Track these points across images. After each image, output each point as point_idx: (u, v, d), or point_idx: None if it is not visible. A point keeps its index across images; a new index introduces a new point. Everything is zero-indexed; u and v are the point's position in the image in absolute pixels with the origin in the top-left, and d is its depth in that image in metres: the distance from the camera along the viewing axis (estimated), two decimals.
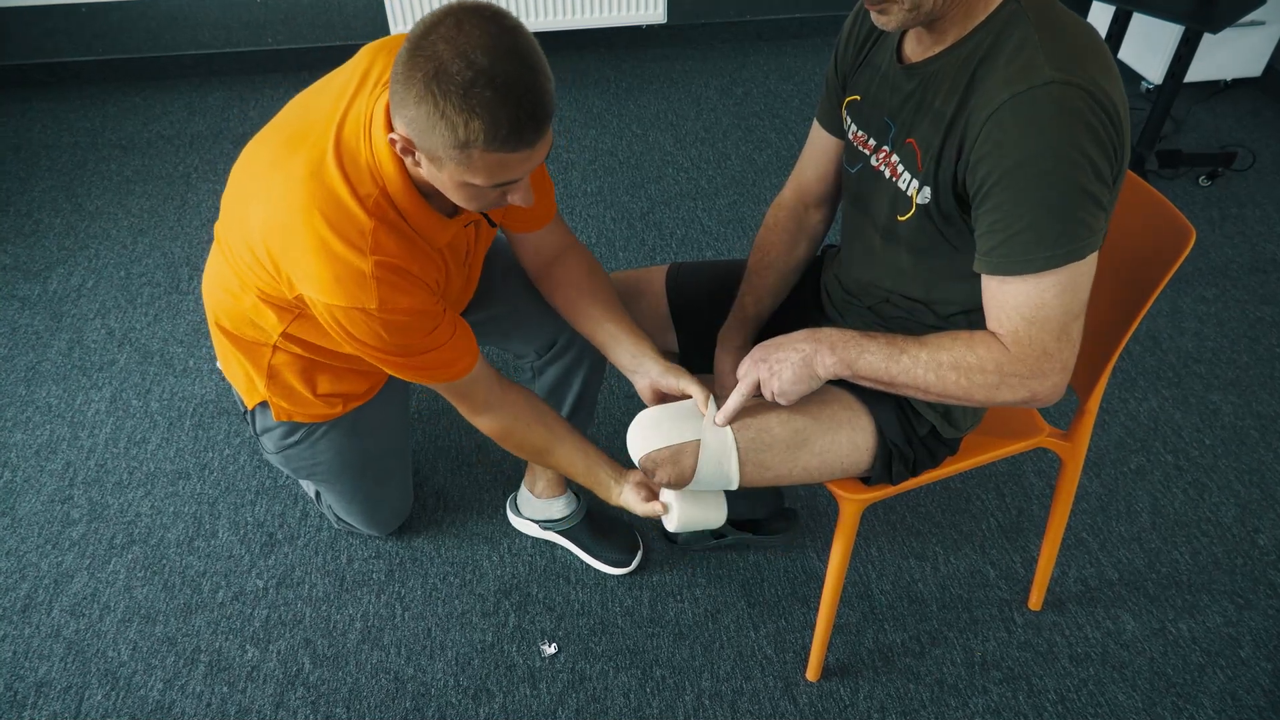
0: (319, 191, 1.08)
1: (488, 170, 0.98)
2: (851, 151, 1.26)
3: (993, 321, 1.07)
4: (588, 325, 1.40)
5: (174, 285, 2.44)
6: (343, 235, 1.07)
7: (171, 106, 3.23)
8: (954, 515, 1.86)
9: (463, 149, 0.95)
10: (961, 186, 1.05)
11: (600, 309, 1.38)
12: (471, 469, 1.96)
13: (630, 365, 1.34)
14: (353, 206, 1.07)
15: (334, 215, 1.07)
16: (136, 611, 1.69)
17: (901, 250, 1.20)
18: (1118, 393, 2.12)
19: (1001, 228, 1.01)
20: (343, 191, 1.08)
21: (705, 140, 3.05)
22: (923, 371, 1.09)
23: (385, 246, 1.09)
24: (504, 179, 1.01)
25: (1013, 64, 0.98)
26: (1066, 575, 1.75)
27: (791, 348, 1.16)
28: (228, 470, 1.95)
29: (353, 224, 1.07)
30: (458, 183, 1.01)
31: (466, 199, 1.05)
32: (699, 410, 1.24)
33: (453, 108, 0.92)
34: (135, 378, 2.17)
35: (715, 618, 1.68)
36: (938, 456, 1.33)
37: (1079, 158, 0.96)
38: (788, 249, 1.42)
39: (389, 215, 1.10)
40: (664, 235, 2.62)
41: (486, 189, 1.02)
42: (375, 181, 1.09)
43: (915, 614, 1.69)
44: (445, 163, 0.98)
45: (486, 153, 0.95)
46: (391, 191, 1.10)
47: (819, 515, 1.86)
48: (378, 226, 1.08)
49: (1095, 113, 0.95)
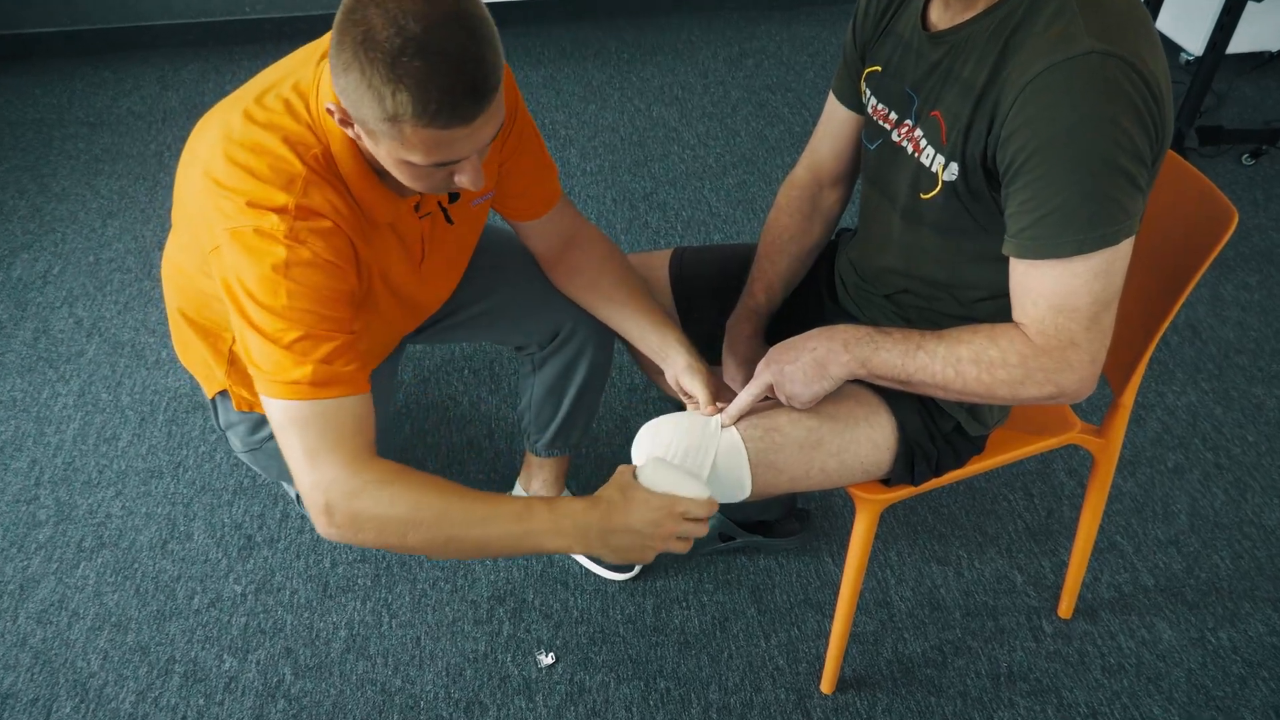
0: (248, 140, 1.05)
1: (423, 147, 0.96)
2: (871, 126, 1.25)
3: (1018, 309, 1.06)
4: (608, 313, 1.40)
5: (146, 271, 2.44)
6: (267, 178, 1.03)
7: (143, 80, 3.22)
8: (979, 517, 1.86)
9: (392, 123, 0.93)
10: (992, 162, 1.05)
11: (623, 295, 1.37)
12: (463, 467, 1.96)
13: (657, 355, 1.34)
14: (284, 153, 1.04)
15: (261, 160, 1.04)
16: (107, 619, 1.69)
17: (924, 230, 1.19)
18: (1154, 386, 2.11)
19: (1032, 208, 1.00)
20: (273, 140, 1.05)
21: (713, 115, 3.04)
22: (940, 367, 1.08)
23: (314, 197, 1.05)
24: (444, 158, 0.98)
25: (1049, 32, 0.98)
26: (1099, 581, 1.74)
27: (804, 347, 1.15)
28: (203, 469, 1.95)
29: (281, 170, 1.04)
30: (396, 159, 0.99)
31: (409, 178, 1.03)
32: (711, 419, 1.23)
33: (379, 77, 0.90)
34: (105, 370, 2.17)
35: (723, 626, 1.68)
36: (962, 455, 1.33)
37: (1118, 135, 0.95)
38: (800, 232, 1.41)
39: (327, 174, 1.07)
40: (668, 217, 2.61)
41: (428, 168, 1.00)
42: (318, 138, 1.07)
43: (937, 622, 1.68)
44: (379, 137, 0.96)
45: (418, 128, 0.93)
46: (335, 153, 1.07)
47: (834, 517, 1.86)
48: (311, 176, 1.05)
49: (1137, 87, 0.95)
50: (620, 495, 1.09)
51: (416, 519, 1.04)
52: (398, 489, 1.04)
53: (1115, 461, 1.47)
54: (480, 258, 1.45)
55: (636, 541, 1.09)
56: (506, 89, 1.23)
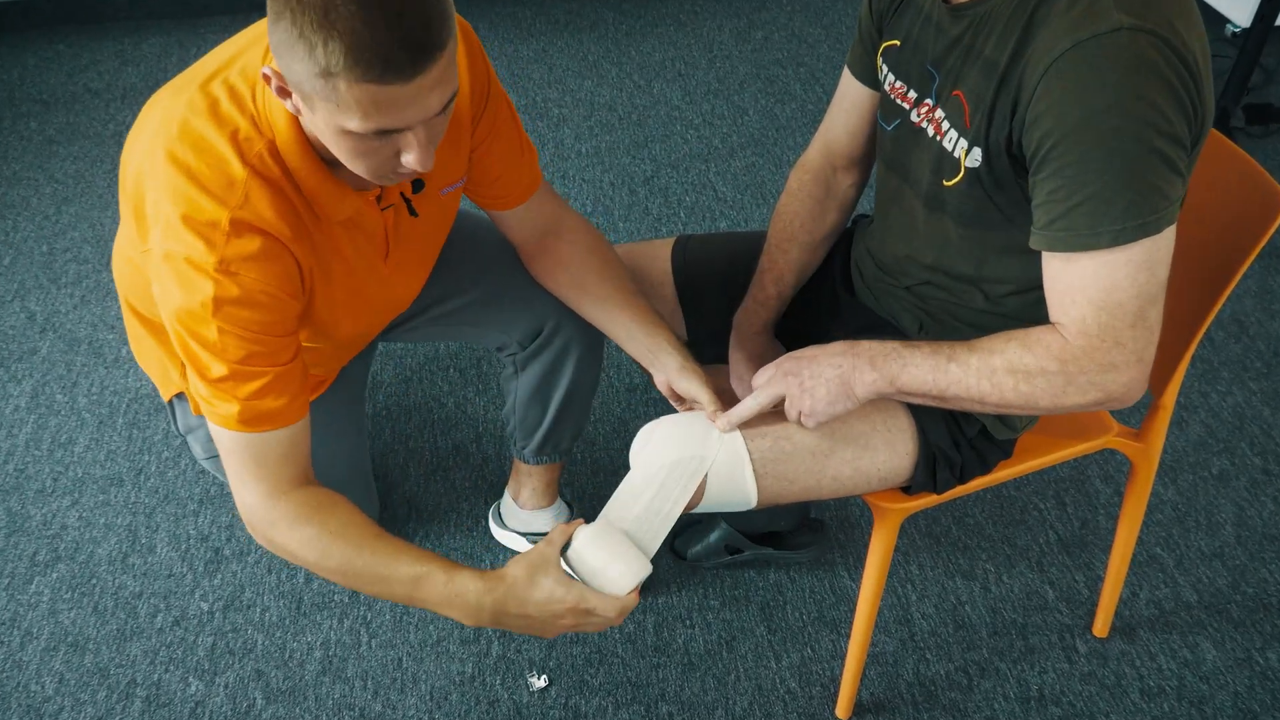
0: (190, 135, 1.05)
1: (360, 108, 0.93)
2: (888, 105, 1.25)
3: (1055, 309, 1.06)
4: (593, 311, 1.39)
5: (104, 262, 2.44)
6: (206, 183, 1.04)
7: (100, 55, 3.22)
8: (1007, 527, 1.86)
9: (325, 78, 0.91)
10: (1017, 148, 1.05)
11: (608, 291, 1.37)
12: (448, 474, 1.96)
13: (646, 358, 1.33)
14: (225, 153, 1.05)
15: (203, 160, 1.05)
16: (63, 639, 1.69)
17: (946, 220, 1.19)
18: (1197, 385, 2.11)
19: (1063, 197, 1.00)
20: (215, 137, 1.05)
21: (718, 93, 3.04)
22: (975, 380, 1.08)
23: (256, 205, 1.05)
24: (385, 124, 0.96)
25: (1076, 7, 0.98)
26: (1137, 597, 1.74)
27: (828, 362, 1.15)
28: (167, 476, 1.95)
29: (221, 172, 1.05)
30: (334, 129, 0.97)
31: (351, 154, 1.01)
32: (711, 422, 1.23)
33: (310, 24, 0.88)
34: (60, 369, 2.17)
35: (730, 646, 1.68)
36: (989, 461, 1.32)
37: (1153, 116, 0.95)
38: (814, 219, 1.41)
39: (273, 173, 1.07)
40: (670, 203, 2.61)
41: (369, 138, 0.98)
42: (261, 132, 1.06)
43: (962, 642, 1.68)
44: (315, 101, 0.95)
45: (352, 83, 0.91)
46: (281, 146, 1.07)
47: (851, 527, 1.86)
48: (253, 179, 1.05)
49: (1172, 65, 0.94)
50: (526, 576, 1.11)
51: (321, 565, 1.14)
52: (309, 532, 1.13)
53: (1155, 467, 1.46)
54: (452, 248, 1.43)
55: (534, 626, 1.14)
56: (476, 64, 1.22)
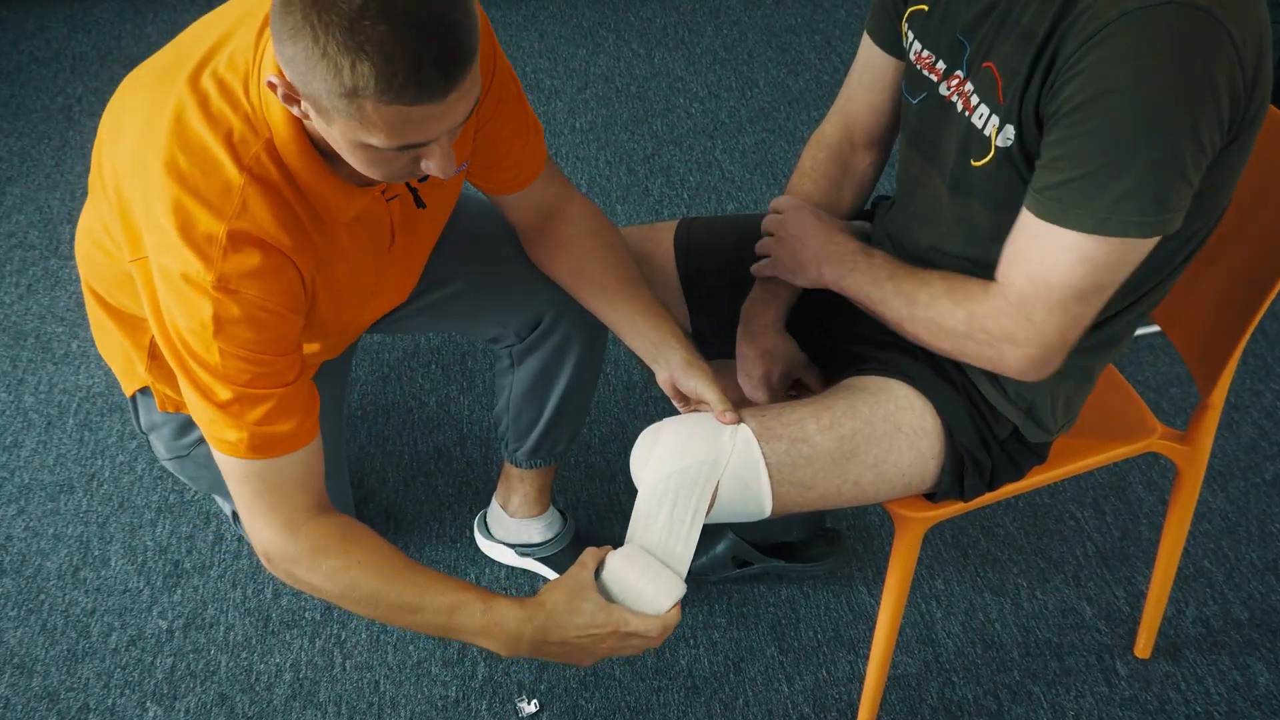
0: (184, 135, 1.07)
1: (387, 128, 0.96)
2: (914, 77, 1.25)
3: (1002, 261, 1.13)
4: (594, 301, 1.40)
5: (52, 248, 2.44)
6: (201, 192, 1.05)
7: (48, 21, 3.22)
8: (1041, 538, 1.86)
9: (350, 98, 0.93)
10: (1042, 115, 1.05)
11: (611, 278, 1.37)
12: (429, 479, 1.96)
13: (649, 352, 1.34)
14: (221, 157, 1.06)
15: (196, 166, 1.06)
16: (8, 660, 1.69)
17: (974, 204, 1.19)
18: (1249, 383, 2.11)
19: (1063, 167, 1.02)
20: (210, 139, 1.06)
21: (726, 62, 3.04)
22: (900, 305, 1.20)
23: (254, 213, 1.07)
24: (409, 140, 0.98)
25: None
26: (1183, 614, 1.75)
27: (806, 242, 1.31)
28: (122, 482, 1.95)
29: (217, 179, 1.06)
30: (352, 143, 1.00)
31: (368, 165, 1.03)
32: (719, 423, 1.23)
33: (336, 45, 0.90)
34: (4, 365, 2.17)
35: (738, 668, 1.68)
36: (1021, 465, 1.33)
37: (1181, 112, 0.96)
38: (829, 200, 1.41)
39: (271, 175, 1.08)
40: (673, 183, 2.61)
41: (389, 152, 1.00)
42: (256, 131, 1.08)
43: (991, 663, 1.69)
44: (333, 116, 0.96)
45: (381, 105, 0.93)
46: (279, 144, 1.08)
47: (870, 537, 1.86)
48: (251, 185, 1.07)
49: (1221, 46, 0.95)
50: (566, 602, 1.17)
51: (348, 598, 1.19)
52: (333, 564, 1.17)
53: (1202, 472, 1.46)
54: (446, 231, 1.44)
55: (573, 654, 1.20)
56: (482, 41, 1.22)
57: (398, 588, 1.18)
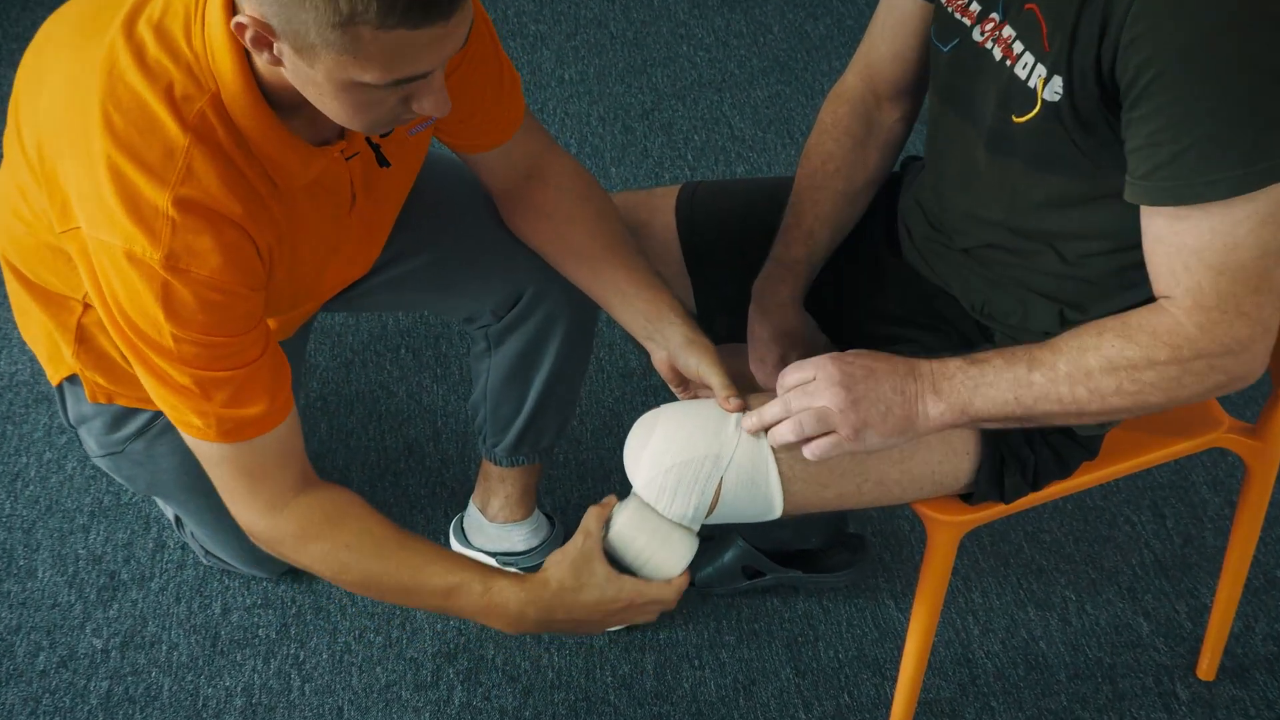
0: (117, 91, 1.07)
1: (383, 58, 0.96)
2: (944, 20, 1.25)
3: (1161, 278, 1.07)
4: (581, 271, 1.40)
5: None
6: (140, 155, 1.06)
7: None
8: (1091, 546, 1.87)
9: (345, 28, 0.93)
10: (1109, 76, 1.05)
11: (600, 246, 1.38)
12: (399, 479, 1.97)
13: (643, 329, 1.34)
14: (162, 115, 1.07)
15: (133, 126, 1.06)
16: None
17: (1015, 164, 1.19)
18: None
19: (1168, 139, 1.00)
20: (148, 95, 1.07)
21: (735, 4, 3.03)
22: (1068, 389, 1.09)
23: (201, 178, 1.08)
24: (406, 73, 0.99)
25: None
26: (1251, 631, 1.75)
27: (889, 383, 1.14)
28: (49, 482, 1.96)
29: (158, 139, 1.06)
30: (340, 83, 1.00)
31: (353, 110, 1.04)
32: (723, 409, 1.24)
33: None
34: None
35: (748, 691, 1.69)
36: (1069, 463, 1.33)
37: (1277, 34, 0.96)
38: (852, 162, 1.41)
39: (216, 134, 1.09)
40: (674, 142, 2.61)
41: (382, 90, 1.01)
42: (201, 85, 1.08)
43: (1035, 686, 1.70)
44: (321, 53, 0.97)
45: (381, 31, 0.93)
46: (227, 100, 1.08)
47: (899, 544, 1.87)
48: (196, 147, 1.07)
49: None
50: (572, 579, 1.22)
51: (341, 580, 1.27)
52: (321, 547, 1.24)
53: (1275, 471, 1.47)
54: (413, 196, 1.44)
55: (583, 627, 1.28)
56: None
57: (391, 570, 1.23)
